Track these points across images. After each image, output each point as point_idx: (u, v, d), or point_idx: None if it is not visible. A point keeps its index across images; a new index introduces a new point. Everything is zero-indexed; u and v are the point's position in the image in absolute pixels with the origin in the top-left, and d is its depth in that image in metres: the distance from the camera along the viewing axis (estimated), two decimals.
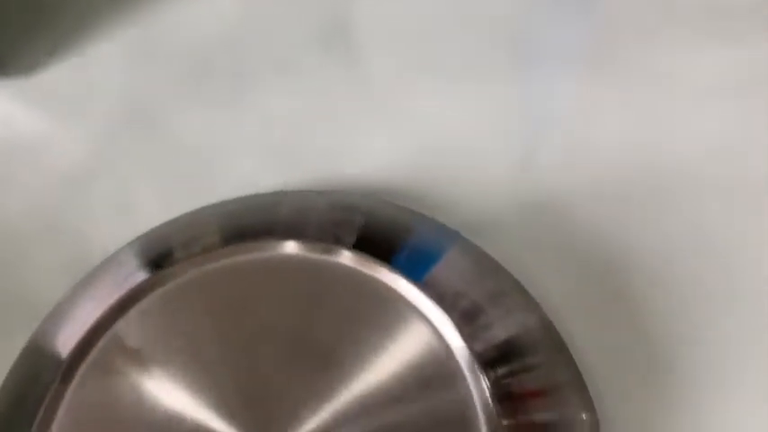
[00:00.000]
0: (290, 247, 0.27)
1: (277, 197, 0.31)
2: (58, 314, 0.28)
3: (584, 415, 0.28)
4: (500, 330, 0.28)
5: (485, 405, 0.24)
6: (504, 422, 0.25)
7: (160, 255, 0.27)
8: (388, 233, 0.29)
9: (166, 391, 0.25)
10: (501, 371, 0.27)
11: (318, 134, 0.35)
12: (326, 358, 0.25)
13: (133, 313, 0.26)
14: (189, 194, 0.33)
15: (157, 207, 0.33)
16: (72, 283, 0.29)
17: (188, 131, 0.35)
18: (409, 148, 0.34)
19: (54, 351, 0.26)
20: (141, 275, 0.26)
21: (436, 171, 0.34)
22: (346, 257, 0.27)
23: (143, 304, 0.26)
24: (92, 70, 0.37)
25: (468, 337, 0.26)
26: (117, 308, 0.26)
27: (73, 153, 0.35)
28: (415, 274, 0.27)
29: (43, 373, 0.25)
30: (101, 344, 0.25)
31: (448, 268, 0.30)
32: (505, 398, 0.26)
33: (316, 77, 0.36)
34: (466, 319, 0.27)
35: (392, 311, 0.26)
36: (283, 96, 0.36)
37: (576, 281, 0.32)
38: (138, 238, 0.30)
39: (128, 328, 0.26)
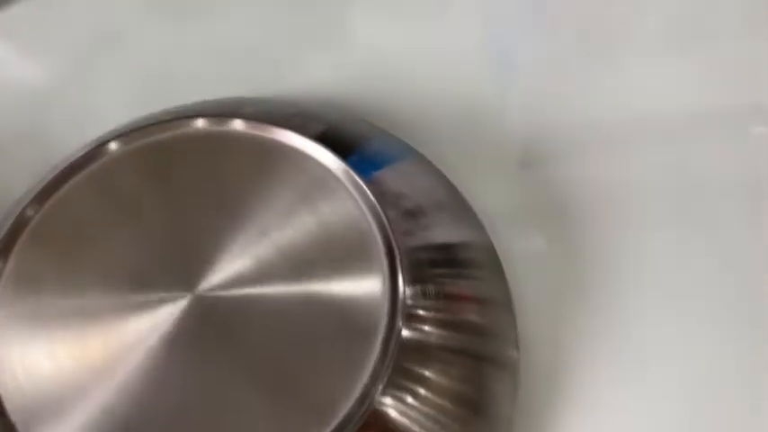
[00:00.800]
0: (237, 124, 0.29)
1: (242, 100, 0.34)
2: (7, 212, 0.30)
3: (512, 332, 0.30)
4: (440, 234, 0.30)
5: (393, 287, 0.26)
6: (423, 313, 0.27)
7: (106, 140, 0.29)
8: (346, 137, 0.31)
9: (102, 255, 0.27)
10: (437, 270, 0.29)
11: (276, 53, 0.37)
12: (257, 224, 0.27)
13: (67, 188, 0.28)
14: (154, 108, 0.36)
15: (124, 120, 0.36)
16: None
17: (151, 55, 0.38)
18: (364, 65, 0.37)
19: None
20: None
21: (388, 87, 0.36)
22: (300, 143, 0.29)
23: (77, 179, 0.28)
24: (60, 4, 0.39)
25: (404, 232, 0.28)
26: (52, 184, 0.28)
27: (43, 77, 0.37)
28: (363, 171, 0.29)
29: None
30: (37, 218, 0.27)
31: (397, 173, 0.31)
32: (435, 296, 0.28)
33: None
34: (406, 217, 0.29)
35: (330, 197, 0.28)
36: (241, 20, 0.38)
37: (519, 200, 0.34)
38: (96, 138, 0.32)
39: (61, 202, 0.27)
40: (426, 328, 0.27)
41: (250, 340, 0.25)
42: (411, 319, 0.26)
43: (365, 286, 0.26)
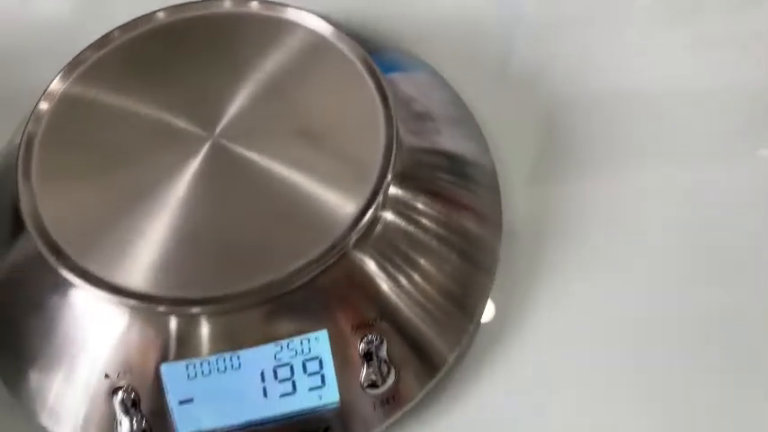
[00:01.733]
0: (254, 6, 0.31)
1: None
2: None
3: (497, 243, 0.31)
4: (446, 143, 0.32)
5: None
6: (421, 206, 0.29)
7: None
8: (366, 39, 0.32)
9: (140, 97, 0.29)
10: (440, 174, 0.30)
11: None
12: (275, 91, 0.29)
13: (117, 43, 0.30)
14: None
15: None
16: None
17: None
18: None
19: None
20: None
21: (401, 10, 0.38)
22: (321, 27, 0.30)
23: (127, 37, 0.31)
24: None
25: (411, 131, 0.29)
26: (104, 39, 0.30)
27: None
28: (380, 67, 0.30)
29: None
30: (90, 61, 0.30)
31: (411, 81, 0.33)
32: (433, 195, 0.29)
33: None
34: (414, 118, 0.31)
35: (345, 80, 0.29)
36: None
37: (515, 114, 0.36)
38: None
39: (113, 52, 0.30)
40: (423, 221, 0.29)
41: (261, 180, 0.27)
42: (408, 209, 0.28)
43: (364, 162, 0.27)
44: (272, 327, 0.25)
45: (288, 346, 0.25)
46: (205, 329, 0.25)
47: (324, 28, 0.30)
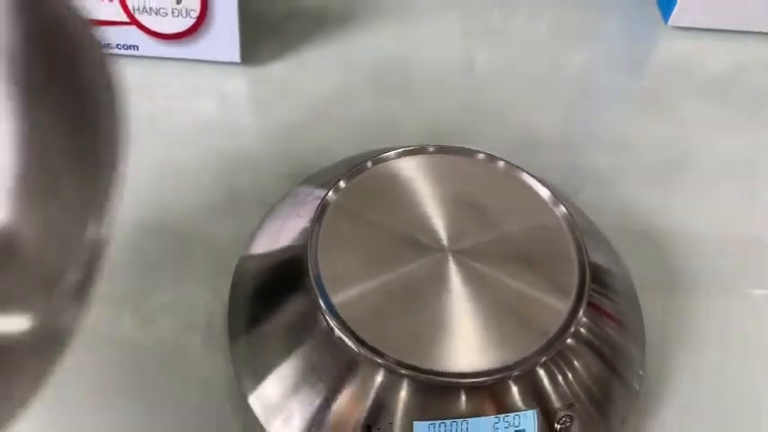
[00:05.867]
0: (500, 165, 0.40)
1: None
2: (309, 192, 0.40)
3: (639, 371, 0.38)
4: (597, 258, 0.39)
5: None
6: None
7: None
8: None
9: (388, 222, 0.37)
10: (594, 286, 0.36)
11: None
12: (490, 224, 0.37)
13: (362, 176, 0.38)
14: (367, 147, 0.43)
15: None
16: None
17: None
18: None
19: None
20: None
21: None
22: (533, 183, 0.39)
23: (360, 177, 0.38)
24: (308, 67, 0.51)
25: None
26: (354, 172, 0.38)
27: (295, 117, 0.49)
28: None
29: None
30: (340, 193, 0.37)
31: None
32: (590, 305, 0.35)
33: None
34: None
35: (543, 218, 0.38)
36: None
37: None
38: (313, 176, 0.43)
39: (358, 184, 0.38)
40: (582, 330, 0.36)
41: (484, 286, 0.35)
42: (592, 317, 0.36)
43: (564, 277, 0.36)
44: (495, 402, 0.32)
45: (504, 419, 0.32)
46: (448, 398, 0.32)
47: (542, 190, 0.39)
